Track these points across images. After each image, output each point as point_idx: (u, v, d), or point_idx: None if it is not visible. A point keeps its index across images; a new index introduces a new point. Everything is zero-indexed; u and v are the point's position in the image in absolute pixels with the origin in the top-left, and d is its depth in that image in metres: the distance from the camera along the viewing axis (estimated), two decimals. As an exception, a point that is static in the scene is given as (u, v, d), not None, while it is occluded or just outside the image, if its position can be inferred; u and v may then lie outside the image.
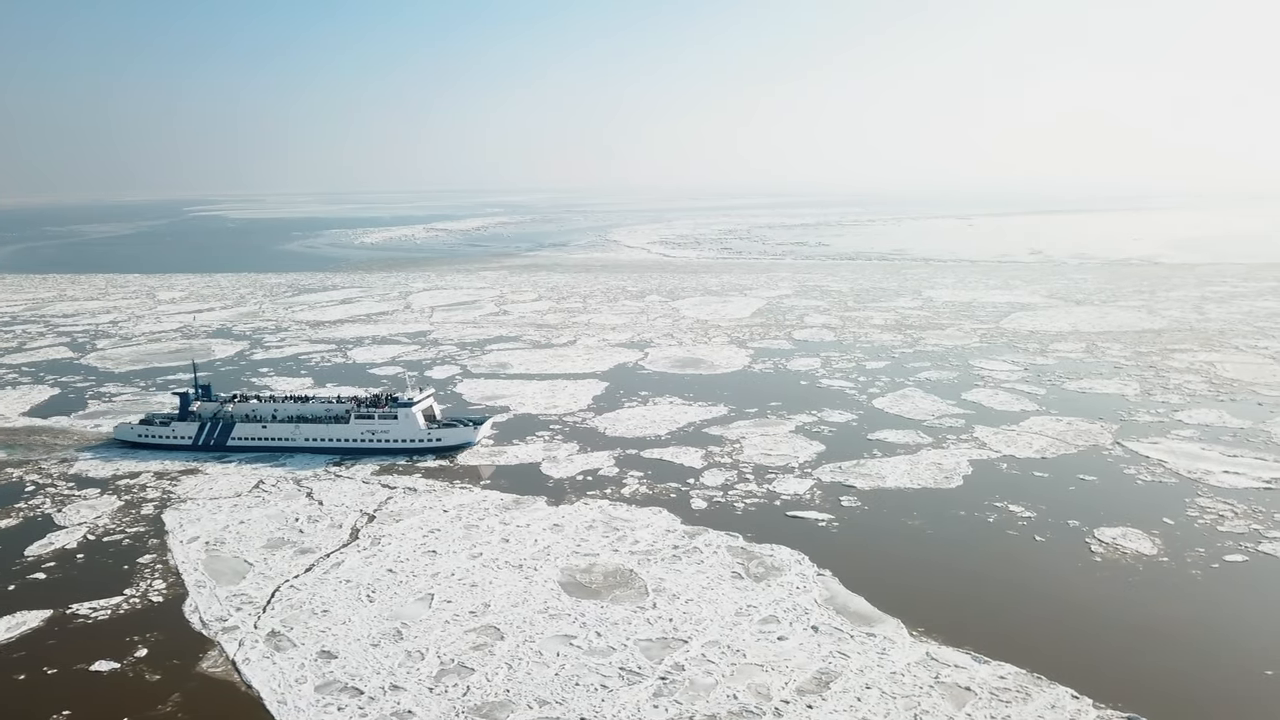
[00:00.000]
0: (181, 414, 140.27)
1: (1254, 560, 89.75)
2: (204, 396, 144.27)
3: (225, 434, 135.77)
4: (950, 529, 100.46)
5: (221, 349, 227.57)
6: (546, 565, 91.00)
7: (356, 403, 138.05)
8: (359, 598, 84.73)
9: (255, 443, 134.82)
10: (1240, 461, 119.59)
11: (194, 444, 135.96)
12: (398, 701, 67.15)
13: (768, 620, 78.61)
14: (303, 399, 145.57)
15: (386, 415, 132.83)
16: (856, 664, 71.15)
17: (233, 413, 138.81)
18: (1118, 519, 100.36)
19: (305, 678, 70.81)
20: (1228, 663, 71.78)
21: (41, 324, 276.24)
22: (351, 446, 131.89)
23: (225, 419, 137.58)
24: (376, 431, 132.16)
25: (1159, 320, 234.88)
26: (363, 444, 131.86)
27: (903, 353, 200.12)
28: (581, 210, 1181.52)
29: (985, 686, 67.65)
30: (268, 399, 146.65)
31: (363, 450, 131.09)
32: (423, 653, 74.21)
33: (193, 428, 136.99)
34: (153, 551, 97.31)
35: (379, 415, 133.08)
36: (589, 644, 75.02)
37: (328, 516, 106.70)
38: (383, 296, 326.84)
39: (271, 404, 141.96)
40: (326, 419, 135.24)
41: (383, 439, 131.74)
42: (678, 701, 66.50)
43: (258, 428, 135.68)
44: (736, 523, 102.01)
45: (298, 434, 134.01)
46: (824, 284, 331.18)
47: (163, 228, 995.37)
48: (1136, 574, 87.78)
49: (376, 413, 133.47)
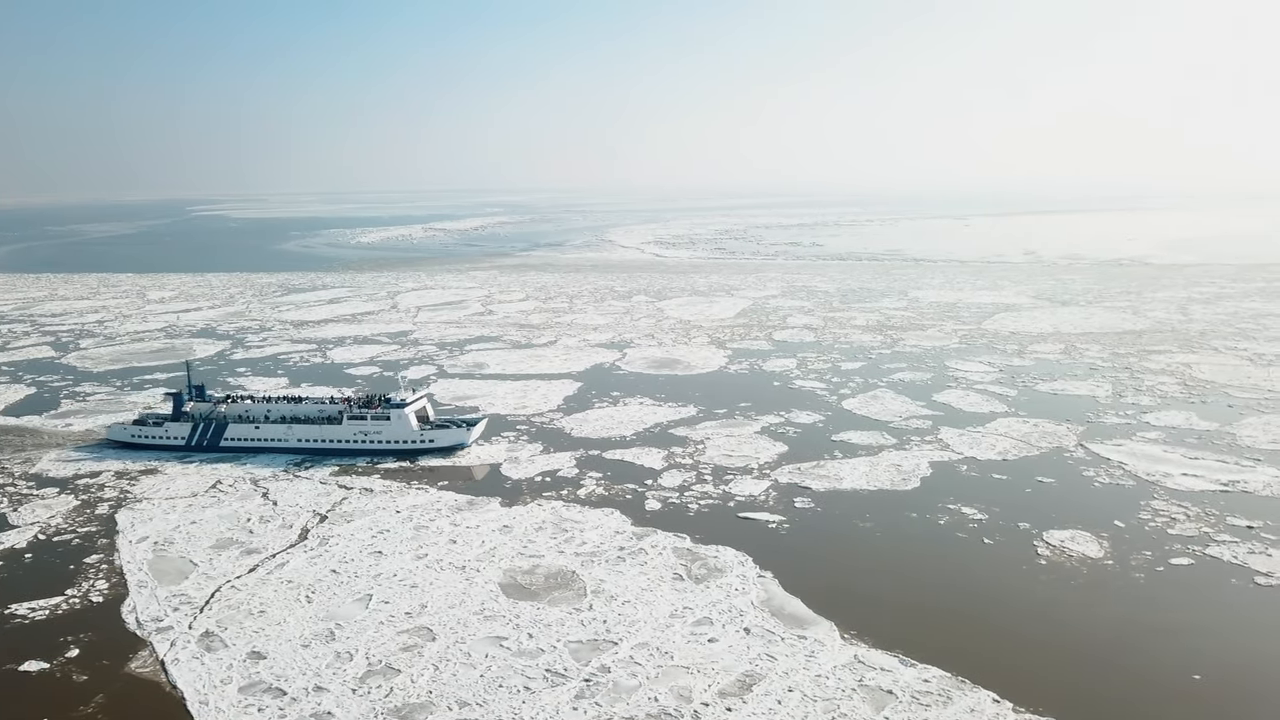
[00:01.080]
0: (175, 414, 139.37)
1: (1199, 564, 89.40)
2: (197, 397, 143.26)
3: (218, 434, 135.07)
4: (900, 531, 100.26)
5: (203, 348, 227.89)
6: (489, 567, 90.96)
7: (349, 403, 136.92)
8: (297, 598, 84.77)
9: (248, 443, 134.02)
10: (1201, 464, 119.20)
11: (187, 444, 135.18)
12: (319, 703, 67.14)
13: (701, 622, 78.49)
14: (296, 399, 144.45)
15: (379, 416, 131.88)
16: (783, 666, 70.99)
17: (226, 413, 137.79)
18: (1069, 522, 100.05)
19: (231, 678, 70.83)
20: (1157, 667, 71.50)
21: (28, 323, 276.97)
22: (344, 447, 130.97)
23: (218, 419, 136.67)
24: (369, 432, 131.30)
25: (1142, 321, 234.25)
26: (355, 444, 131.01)
27: (880, 354, 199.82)
28: (581, 210, 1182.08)
29: (908, 690, 67.46)
30: (261, 399, 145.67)
31: (355, 451, 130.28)
32: (352, 654, 74.20)
33: (186, 428, 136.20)
34: (100, 551, 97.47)
35: (371, 416, 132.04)
36: (519, 646, 74.96)
37: (280, 517, 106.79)
38: (370, 296, 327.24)
39: (265, 404, 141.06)
40: (319, 419, 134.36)
41: (375, 440, 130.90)
42: (598, 703, 66.42)
43: (250, 428, 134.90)
44: (687, 524, 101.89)
45: (290, 434, 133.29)
46: (811, 284, 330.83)
47: (163, 227, 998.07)
48: (1080, 577, 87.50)
49: (369, 413, 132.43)
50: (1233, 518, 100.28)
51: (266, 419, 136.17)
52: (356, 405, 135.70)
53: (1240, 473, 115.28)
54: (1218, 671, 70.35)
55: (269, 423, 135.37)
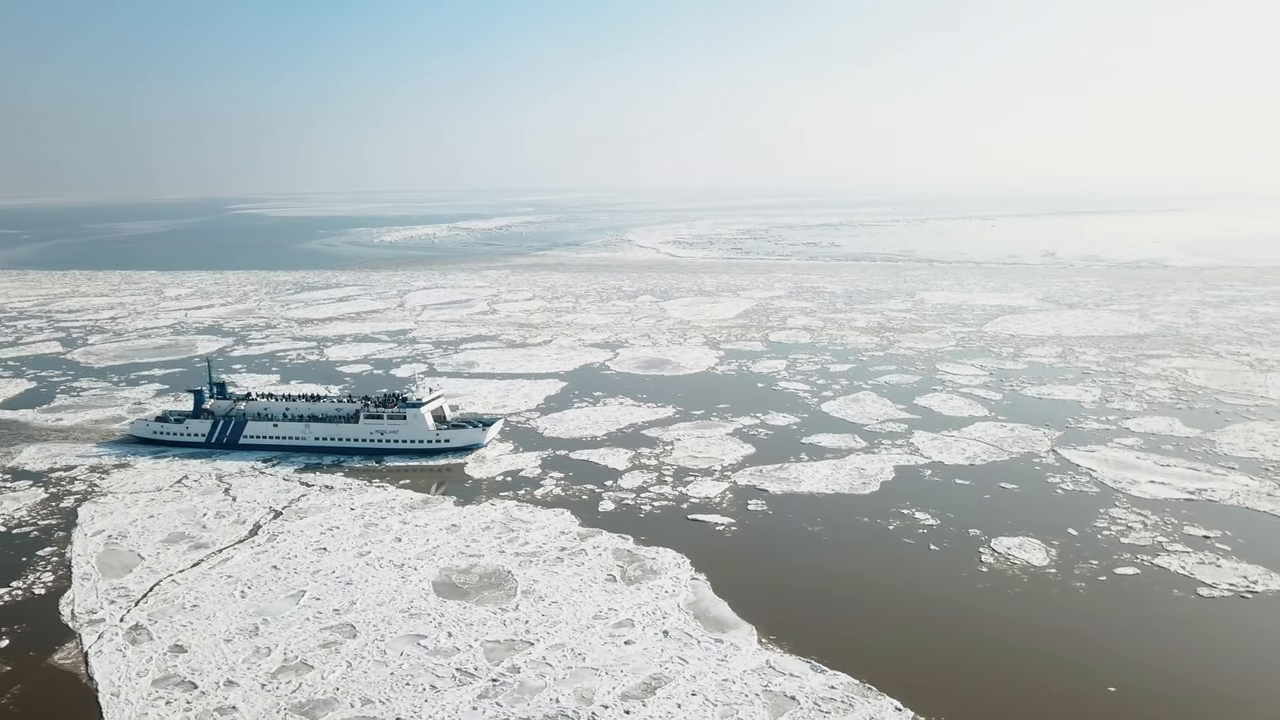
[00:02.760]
0: (195, 411, 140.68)
1: (1144, 573, 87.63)
2: (218, 395, 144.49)
3: (237, 432, 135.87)
4: (846, 535, 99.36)
5: (205, 345, 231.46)
6: (427, 565, 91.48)
7: (367, 402, 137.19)
8: (232, 593, 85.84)
9: (266, 441, 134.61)
10: (1171, 471, 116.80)
11: (207, 441, 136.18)
12: (226, 697, 67.94)
13: (623, 624, 78.34)
14: (314, 398, 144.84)
15: (395, 416, 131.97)
16: (692, 670, 70.66)
17: (245, 411, 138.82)
18: (1020, 529, 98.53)
19: (148, 671, 71.92)
20: (1073, 677, 70.12)
21: (44, 319, 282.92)
22: (360, 446, 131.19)
23: (237, 417, 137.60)
24: (385, 432, 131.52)
25: (1148, 325, 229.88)
26: (371, 444, 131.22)
27: (872, 355, 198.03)
28: (609, 209, 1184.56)
29: (812, 696, 66.84)
30: (281, 398, 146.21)
31: (371, 450, 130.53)
32: (271, 649, 74.99)
33: (206, 425, 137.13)
34: (56, 544, 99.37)
35: (388, 415, 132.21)
36: (436, 644, 75.33)
37: (236, 513, 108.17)
38: (380, 295, 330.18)
39: (283, 403, 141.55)
40: (336, 419, 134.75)
41: (391, 439, 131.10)
42: (499, 703, 66.56)
43: (269, 426, 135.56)
44: (635, 525, 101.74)
45: (308, 433, 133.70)
46: (820, 285, 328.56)
47: (197, 225, 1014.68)
48: (1020, 585, 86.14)
49: (385, 413, 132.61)
50: (1191, 527, 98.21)
51: (285, 417, 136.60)
52: (374, 405, 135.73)
53: (1210, 481, 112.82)
54: (1135, 683, 68.98)
55: (287, 421, 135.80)
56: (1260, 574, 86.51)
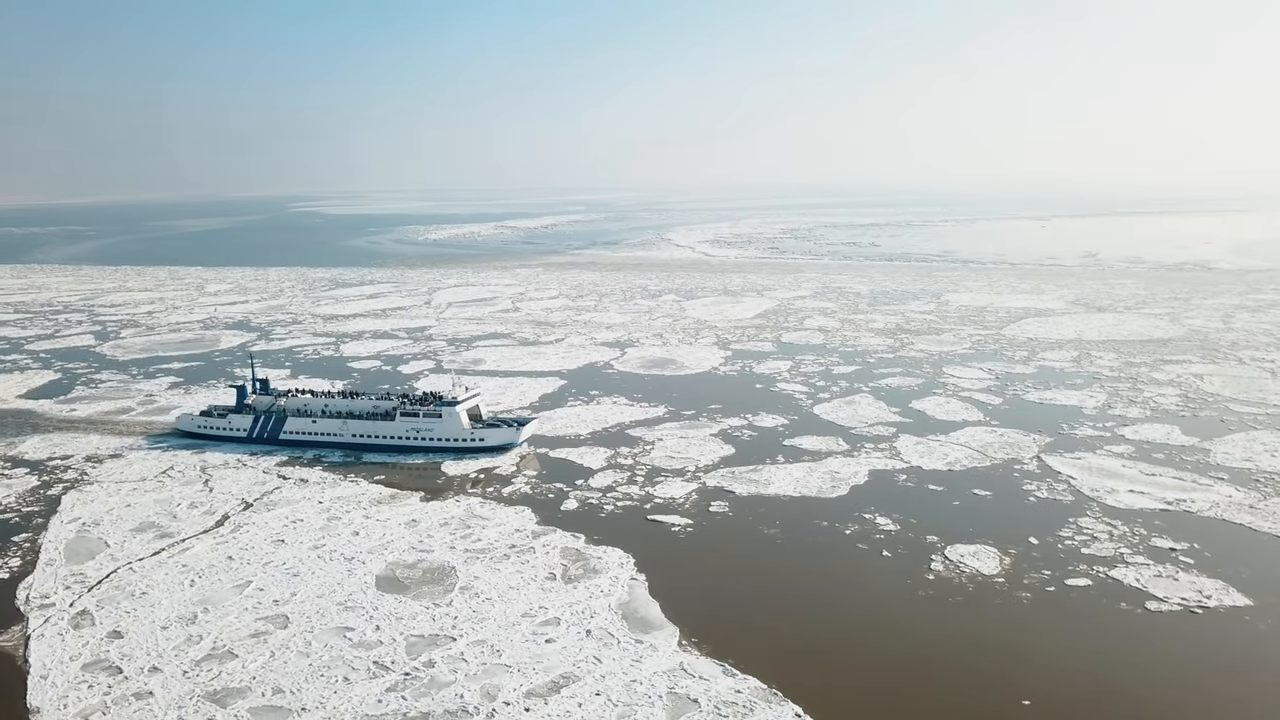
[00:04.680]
0: (238, 407, 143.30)
1: (1095, 585, 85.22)
2: (261, 391, 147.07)
3: (278, 427, 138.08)
4: (800, 539, 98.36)
5: (229, 340, 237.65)
6: (376, 559, 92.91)
7: (404, 400, 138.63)
8: (182, 582, 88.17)
9: (305, 437, 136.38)
10: (1155, 480, 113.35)
11: (249, 436, 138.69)
12: (146, 683, 69.93)
13: (549, 622, 78.72)
14: (352, 395, 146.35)
15: (431, 414, 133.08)
16: (604, 670, 70.75)
17: (285, 407, 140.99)
18: (980, 537, 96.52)
19: (81, 655, 74.32)
20: (989, 690, 68.62)
21: (85, 313, 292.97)
22: (396, 444, 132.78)
23: (278, 413, 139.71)
24: (420, 430, 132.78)
25: (1176, 329, 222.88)
26: (407, 442, 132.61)
27: (880, 357, 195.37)
28: (659, 208, 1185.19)
29: (714, 699, 66.47)
30: (321, 394, 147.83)
31: (407, 447, 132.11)
32: (203, 637, 76.95)
33: (247, 420, 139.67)
34: (32, 530, 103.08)
35: (424, 414, 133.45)
36: (361, 637, 76.56)
37: (209, 504, 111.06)
38: (410, 292, 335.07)
39: (322, 399, 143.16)
40: (373, 416, 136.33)
41: (426, 437, 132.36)
42: (404, 697, 67.44)
43: (308, 422, 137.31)
44: (592, 524, 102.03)
45: (345, 430, 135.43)
46: (847, 286, 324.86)
47: (254, 223, 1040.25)
48: (963, 594, 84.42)
49: (421, 411, 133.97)
50: (1159, 538, 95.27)
51: (324, 414, 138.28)
52: (410, 402, 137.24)
53: (1192, 491, 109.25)
54: (1052, 697, 67.27)
55: (325, 417, 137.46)
56: (1216, 589, 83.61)
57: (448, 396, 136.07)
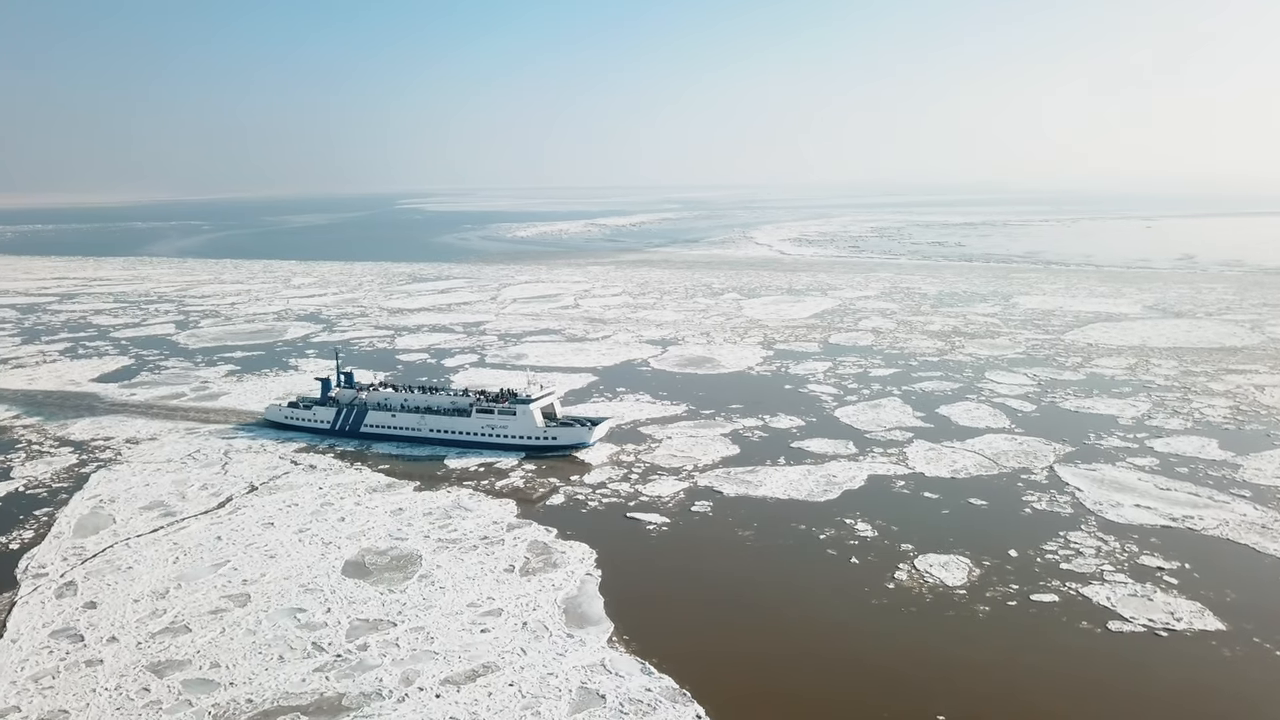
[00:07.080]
0: (322, 399, 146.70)
1: (1061, 602, 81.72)
2: (345, 383, 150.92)
3: (359, 420, 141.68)
4: (772, 542, 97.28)
5: (295, 330, 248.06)
6: (351, 545, 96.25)
7: (481, 396, 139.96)
8: (167, 559, 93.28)
9: (385, 431, 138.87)
10: (1167, 496, 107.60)
11: (331, 428, 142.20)
12: (99, 651, 74.51)
13: (491, 613, 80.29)
14: (431, 389, 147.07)
15: (506, 411, 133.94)
16: (525, 662, 71.88)
17: (366, 400, 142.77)
18: (958, 547, 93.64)
19: (53, 623, 79.66)
20: (905, 704, 66.78)
21: (173, 304, 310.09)
22: (471, 440, 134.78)
23: (359, 406, 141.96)
24: (495, 426, 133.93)
25: (1253, 338, 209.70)
26: (482, 438, 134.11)
27: (924, 360, 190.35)
28: (752, 206, 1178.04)
29: (623, 697, 66.80)
30: (402, 388, 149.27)
31: (482, 444, 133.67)
32: (166, 611, 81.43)
33: (331, 412, 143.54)
34: (55, 505, 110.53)
35: (499, 411, 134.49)
36: (309, 619, 79.67)
37: (219, 485, 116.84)
38: (481, 288, 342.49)
39: (402, 394, 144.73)
40: (450, 411, 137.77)
41: (501, 434, 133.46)
42: (327, 678, 70.00)
43: (387, 416, 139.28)
44: (569, 519, 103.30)
45: (423, 425, 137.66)
46: (917, 286, 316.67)
47: (358, 219, 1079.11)
48: (919, 605, 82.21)
49: (497, 408, 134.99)
50: (1148, 556, 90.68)
51: (403, 408, 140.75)
52: (486, 399, 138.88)
53: (1204, 508, 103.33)
54: (966, 714, 65.09)
55: (404, 412, 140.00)
56: (1191, 612, 79.16)
57: (522, 394, 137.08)
